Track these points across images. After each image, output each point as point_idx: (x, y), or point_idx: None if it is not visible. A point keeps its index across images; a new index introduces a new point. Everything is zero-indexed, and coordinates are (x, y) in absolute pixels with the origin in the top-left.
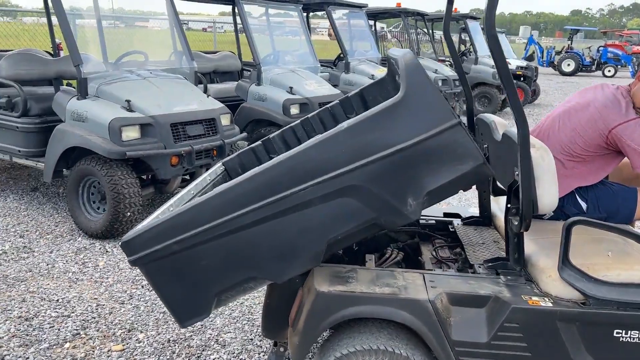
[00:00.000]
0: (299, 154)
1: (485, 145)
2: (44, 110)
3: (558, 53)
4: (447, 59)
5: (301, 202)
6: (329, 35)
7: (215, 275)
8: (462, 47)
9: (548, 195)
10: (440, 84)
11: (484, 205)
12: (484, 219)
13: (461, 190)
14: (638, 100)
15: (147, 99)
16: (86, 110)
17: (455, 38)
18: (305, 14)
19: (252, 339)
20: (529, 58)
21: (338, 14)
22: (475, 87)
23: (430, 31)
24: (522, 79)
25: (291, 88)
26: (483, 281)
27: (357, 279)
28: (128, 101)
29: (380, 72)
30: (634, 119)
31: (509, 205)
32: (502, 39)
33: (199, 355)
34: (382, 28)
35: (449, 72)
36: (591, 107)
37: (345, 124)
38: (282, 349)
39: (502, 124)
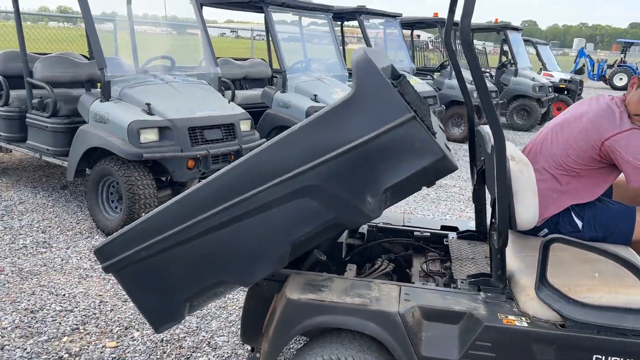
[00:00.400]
0: (256, 155)
1: (482, 158)
2: (73, 112)
3: (610, 67)
4: (488, 71)
5: (261, 205)
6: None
7: (183, 281)
8: (504, 59)
9: (527, 211)
10: (475, 95)
11: (480, 219)
12: (479, 233)
13: (425, 187)
14: (632, 108)
15: (167, 103)
16: (108, 112)
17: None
18: (339, 23)
19: (243, 344)
20: (579, 71)
21: (374, 23)
22: (514, 100)
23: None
24: (565, 92)
25: (315, 96)
26: (461, 297)
27: (331, 288)
28: (148, 104)
29: (412, 82)
30: (628, 130)
31: (492, 220)
32: (546, 50)
33: (188, 356)
34: (429, 38)
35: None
36: (584, 119)
37: (299, 124)
38: (258, 355)
39: None
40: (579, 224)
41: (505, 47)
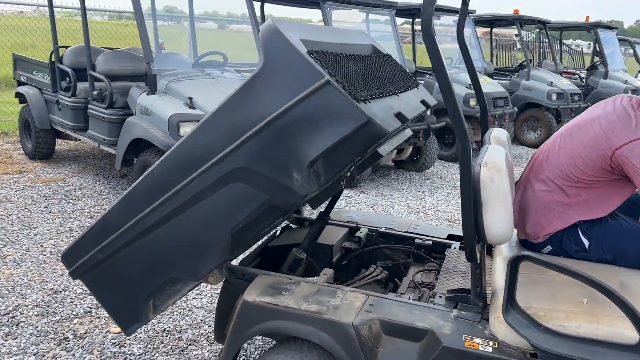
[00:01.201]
0: (182, 144)
1: None
2: (128, 104)
3: None
4: (577, 72)
5: (194, 195)
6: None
7: (138, 281)
8: (596, 59)
9: (498, 224)
10: (554, 97)
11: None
12: (483, 245)
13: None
14: None
15: (209, 98)
16: (152, 104)
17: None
18: (411, 20)
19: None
20: None
21: (448, 20)
22: None
23: (558, 40)
24: None
25: None
26: (431, 313)
27: (293, 292)
28: (190, 98)
29: (481, 81)
30: None
31: None
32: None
33: (184, 348)
34: (516, 36)
35: (567, 85)
36: (595, 124)
37: (216, 106)
38: None
39: (498, 139)
40: (586, 243)
41: (598, 47)
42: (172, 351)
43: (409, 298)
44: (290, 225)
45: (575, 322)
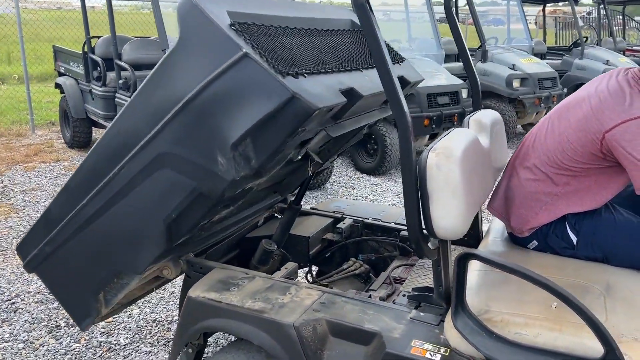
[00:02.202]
0: (108, 131)
1: None
2: None
3: None
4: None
5: (125, 184)
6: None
7: (85, 274)
8: None
9: (446, 217)
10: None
11: (474, 222)
12: (470, 238)
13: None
14: None
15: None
16: None
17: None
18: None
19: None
20: None
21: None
22: None
23: (620, 16)
24: None
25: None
26: (387, 313)
27: (243, 287)
28: None
29: (525, 61)
30: (638, 117)
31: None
32: None
33: (169, 339)
34: (589, 13)
35: (626, 63)
36: (585, 103)
37: (140, 86)
38: (190, 350)
39: (479, 122)
40: (574, 239)
41: None
42: (158, 342)
43: (370, 296)
44: (276, 215)
45: (533, 330)
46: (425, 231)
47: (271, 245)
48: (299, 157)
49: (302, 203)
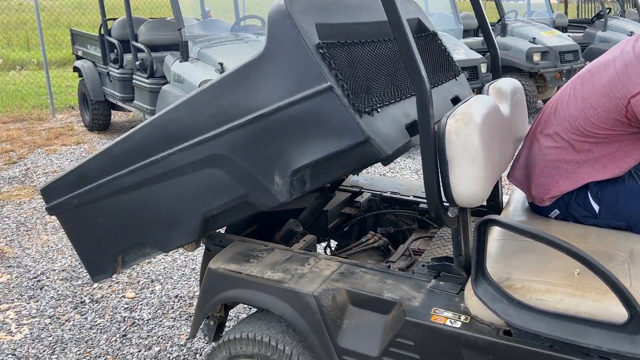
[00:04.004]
0: (167, 113)
1: None
2: None
3: None
4: None
5: (174, 168)
6: None
7: (108, 236)
8: None
9: (465, 183)
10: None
11: (494, 192)
12: (490, 209)
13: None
14: None
15: (240, 62)
16: (184, 72)
17: None
18: None
19: (248, 307)
20: None
21: None
22: None
23: None
24: None
25: None
26: (406, 283)
27: (263, 259)
28: (221, 64)
29: (546, 34)
30: None
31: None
32: None
33: (191, 314)
34: None
35: None
36: (610, 68)
37: (207, 84)
38: (211, 323)
39: (499, 90)
40: (596, 208)
41: None
42: (180, 317)
43: (388, 266)
44: None
45: (555, 296)
46: (444, 200)
47: (298, 227)
48: None
49: None
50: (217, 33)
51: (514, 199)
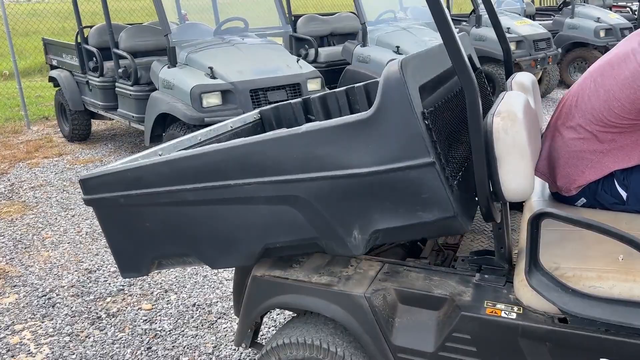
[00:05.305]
0: (253, 144)
1: None
2: None
3: None
4: (628, 4)
5: (244, 197)
6: None
7: (153, 240)
8: None
9: (515, 179)
10: (602, 34)
11: None
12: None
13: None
14: None
15: (229, 66)
16: (173, 78)
17: None
18: None
19: (269, 313)
20: None
21: None
22: None
23: None
24: None
25: (398, 48)
26: (451, 278)
27: (304, 263)
28: (211, 68)
29: (519, 23)
30: None
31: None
32: None
33: (213, 322)
34: None
35: (617, 20)
36: (630, 59)
37: (304, 127)
38: (249, 330)
39: (521, 85)
40: (624, 194)
41: None
42: (202, 325)
43: (429, 263)
44: None
45: (608, 282)
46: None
47: None
48: None
49: None
50: (200, 37)
51: (539, 191)
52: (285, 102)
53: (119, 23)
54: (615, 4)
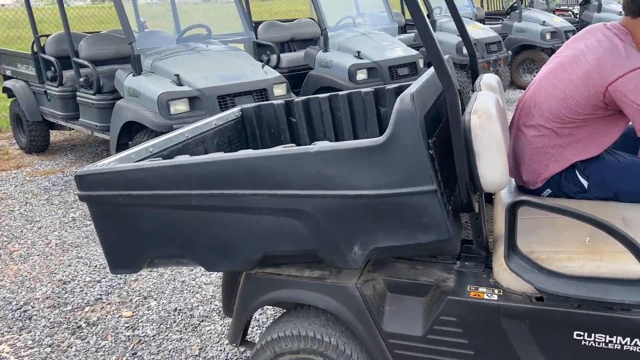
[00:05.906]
0: (264, 158)
1: None
2: (116, 88)
3: None
4: (570, 8)
5: (250, 207)
6: None
7: (149, 240)
8: None
9: (492, 171)
10: (548, 37)
11: None
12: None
13: None
14: None
15: (196, 73)
16: (139, 85)
17: None
18: None
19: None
20: None
21: None
22: None
23: None
24: None
25: (359, 52)
26: (434, 267)
27: None
28: (177, 75)
29: (472, 28)
30: (638, 68)
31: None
32: None
33: (196, 325)
34: None
35: (561, 23)
36: (581, 60)
37: (316, 147)
38: None
39: (489, 85)
40: (585, 183)
41: None
42: (185, 329)
43: None
44: None
45: (578, 262)
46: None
47: None
48: None
49: None
50: (164, 45)
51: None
52: (267, 102)
53: (77, 32)
54: (558, 7)
